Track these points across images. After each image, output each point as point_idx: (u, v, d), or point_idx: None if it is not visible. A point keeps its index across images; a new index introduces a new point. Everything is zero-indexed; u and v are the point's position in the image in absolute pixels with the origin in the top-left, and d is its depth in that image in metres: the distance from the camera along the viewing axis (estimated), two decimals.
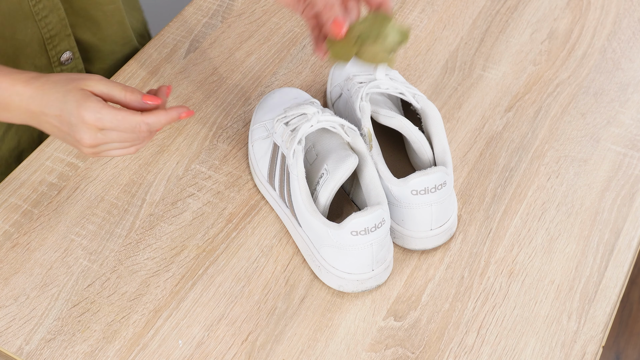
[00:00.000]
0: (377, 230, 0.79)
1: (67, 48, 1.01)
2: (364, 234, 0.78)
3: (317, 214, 0.80)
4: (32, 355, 0.80)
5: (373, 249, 0.80)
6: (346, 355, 0.80)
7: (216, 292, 0.84)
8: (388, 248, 0.82)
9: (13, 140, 1.01)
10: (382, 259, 0.82)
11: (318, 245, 0.82)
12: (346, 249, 0.79)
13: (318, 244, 0.82)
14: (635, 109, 1.01)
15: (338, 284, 0.83)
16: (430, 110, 0.86)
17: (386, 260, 0.83)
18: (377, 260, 0.81)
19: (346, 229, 0.78)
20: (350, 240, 0.79)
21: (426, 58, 1.07)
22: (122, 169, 0.94)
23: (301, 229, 0.84)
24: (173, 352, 0.80)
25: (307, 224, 0.82)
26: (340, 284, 0.82)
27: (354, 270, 0.81)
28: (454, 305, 0.83)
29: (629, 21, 1.12)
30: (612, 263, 0.87)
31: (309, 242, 0.84)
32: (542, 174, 0.94)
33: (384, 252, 0.82)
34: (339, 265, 0.81)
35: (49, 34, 0.98)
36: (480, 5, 1.14)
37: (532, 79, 1.04)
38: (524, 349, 0.81)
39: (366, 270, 0.81)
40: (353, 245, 0.79)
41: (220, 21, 1.12)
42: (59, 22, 0.98)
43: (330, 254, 0.81)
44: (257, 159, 0.90)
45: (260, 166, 0.90)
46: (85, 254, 0.87)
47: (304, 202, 0.81)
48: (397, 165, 0.91)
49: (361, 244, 0.79)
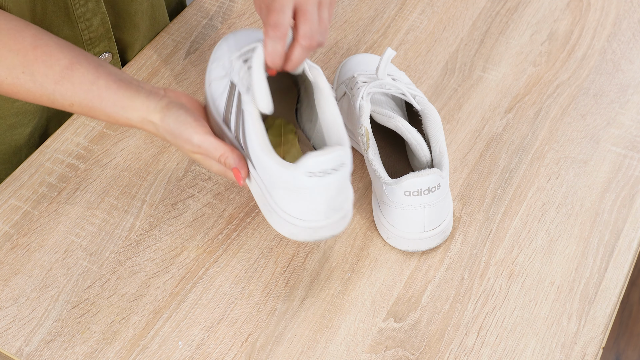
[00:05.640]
0: (334, 173, 0.72)
1: (106, 49, 1.03)
2: (321, 175, 0.71)
3: (271, 152, 0.74)
4: (32, 356, 0.80)
5: (329, 194, 0.73)
6: (346, 356, 0.80)
7: (216, 293, 0.84)
8: (346, 196, 0.75)
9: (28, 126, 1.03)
10: (339, 206, 0.75)
11: (270, 187, 0.76)
12: (299, 192, 0.73)
13: (270, 186, 0.76)
14: (635, 110, 1.01)
15: (290, 231, 0.77)
16: (430, 112, 0.86)
17: (343, 208, 0.75)
18: (332, 208, 0.74)
19: (301, 170, 0.71)
20: (305, 182, 0.72)
21: (426, 59, 1.07)
22: (122, 170, 0.94)
23: (255, 172, 0.78)
24: (173, 353, 0.80)
25: (260, 164, 0.76)
26: (292, 231, 0.76)
27: (307, 217, 0.75)
28: (454, 306, 0.83)
29: (628, 22, 1.12)
30: (612, 264, 0.87)
31: (262, 185, 0.78)
32: (542, 175, 0.94)
33: (341, 200, 0.75)
34: (291, 210, 0.75)
35: (89, 36, 0.99)
36: (480, 7, 1.14)
37: (532, 80, 1.05)
38: (524, 350, 0.81)
39: (320, 218, 0.75)
40: (307, 188, 0.72)
41: (220, 22, 1.12)
42: (101, 25, 1.00)
43: (283, 197, 0.75)
44: (214, 98, 0.84)
45: (217, 105, 0.84)
46: (85, 255, 0.87)
47: (257, 140, 0.75)
48: (396, 166, 0.91)
49: (316, 187, 0.72)
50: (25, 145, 1.04)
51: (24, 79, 0.81)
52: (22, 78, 0.80)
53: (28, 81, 0.81)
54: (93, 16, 0.99)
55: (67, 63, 0.80)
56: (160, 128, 0.79)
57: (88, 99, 0.80)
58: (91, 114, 0.81)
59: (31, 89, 0.81)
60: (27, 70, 0.80)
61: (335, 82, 0.99)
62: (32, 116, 1.02)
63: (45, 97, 0.81)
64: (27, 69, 0.80)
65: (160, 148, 0.97)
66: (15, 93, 0.82)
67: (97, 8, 0.98)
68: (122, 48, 1.08)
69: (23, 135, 1.03)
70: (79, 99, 0.81)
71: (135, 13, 1.05)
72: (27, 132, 1.03)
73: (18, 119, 1.01)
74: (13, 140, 1.02)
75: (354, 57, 1.00)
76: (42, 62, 0.80)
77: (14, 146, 1.03)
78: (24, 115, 1.01)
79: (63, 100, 0.81)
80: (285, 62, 0.78)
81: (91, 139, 0.97)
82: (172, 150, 0.96)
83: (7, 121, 1.00)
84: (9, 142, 1.02)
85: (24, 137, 1.03)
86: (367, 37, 1.10)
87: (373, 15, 1.13)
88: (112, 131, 0.98)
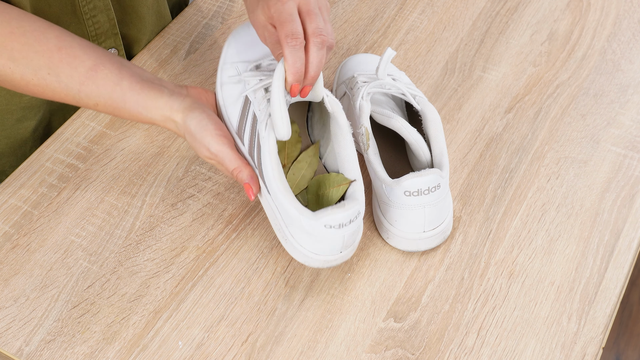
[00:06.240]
0: (351, 224, 0.77)
1: (112, 45, 1.04)
2: (337, 228, 0.77)
3: (290, 195, 0.77)
4: (31, 356, 0.80)
5: (345, 239, 0.78)
6: (346, 356, 0.80)
7: (216, 293, 0.84)
8: (358, 231, 0.80)
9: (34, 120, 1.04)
10: (352, 242, 0.80)
11: (287, 222, 0.79)
12: (317, 237, 0.77)
13: (288, 221, 0.79)
14: (635, 110, 1.01)
15: (304, 260, 0.81)
16: (430, 112, 0.86)
17: (355, 242, 0.81)
18: (346, 245, 0.80)
19: (320, 222, 0.76)
20: (322, 232, 0.77)
21: (426, 59, 1.07)
22: (122, 170, 0.94)
23: (270, 198, 0.81)
24: (173, 353, 0.80)
25: (277, 200, 0.79)
26: (305, 260, 0.80)
27: (322, 253, 0.79)
28: (454, 306, 0.83)
29: (629, 22, 1.12)
30: (612, 264, 0.87)
31: (277, 214, 0.81)
32: (542, 175, 0.94)
33: (355, 237, 0.80)
34: (307, 245, 0.79)
35: (95, 32, 1.00)
36: (480, 7, 1.14)
37: (532, 80, 1.05)
38: (524, 350, 0.80)
39: (334, 253, 0.80)
40: (325, 236, 0.77)
41: (220, 22, 1.12)
42: (107, 21, 1.01)
43: (300, 235, 0.79)
44: (227, 105, 0.85)
45: (229, 114, 0.85)
46: (85, 255, 0.87)
47: (275, 180, 0.78)
48: (396, 166, 0.91)
49: (333, 236, 0.77)
50: (30, 138, 1.05)
51: (49, 80, 0.82)
52: (48, 79, 0.82)
53: (54, 82, 0.82)
54: (99, 12, 0.99)
55: (91, 64, 0.82)
56: (181, 127, 0.82)
57: (112, 99, 0.82)
58: (115, 113, 0.84)
59: (56, 89, 0.83)
60: (53, 72, 0.82)
61: (335, 82, 0.99)
62: (37, 110, 1.03)
63: (70, 97, 0.83)
64: (52, 70, 0.82)
65: (160, 148, 0.97)
66: (41, 93, 0.84)
67: (103, 4, 0.99)
68: (128, 43, 1.08)
69: (28, 128, 1.04)
70: (103, 100, 0.83)
71: (141, 8, 1.06)
72: (32, 125, 1.04)
73: (24, 113, 1.02)
74: (19, 133, 1.04)
75: (354, 57, 1.00)
76: (67, 64, 0.82)
77: (20, 139, 1.04)
78: (30, 110, 1.02)
79: (88, 100, 0.83)
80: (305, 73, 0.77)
81: (91, 139, 0.97)
82: (172, 150, 0.96)
83: (14, 115, 1.02)
84: (15, 135, 1.03)
85: (29, 131, 1.04)
86: (367, 37, 1.10)
87: (373, 15, 1.13)
88: (112, 131, 0.98)
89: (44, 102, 1.04)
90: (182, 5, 1.21)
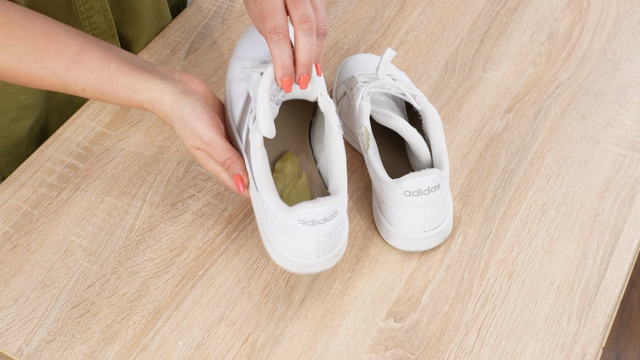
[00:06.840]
0: (326, 223, 0.75)
1: None
2: (311, 224, 0.74)
3: (271, 190, 0.76)
4: (31, 356, 0.80)
5: (319, 240, 0.76)
6: (346, 356, 0.80)
7: (216, 293, 0.84)
8: (339, 237, 0.78)
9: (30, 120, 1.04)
10: (330, 247, 0.78)
11: (269, 220, 0.78)
12: (291, 233, 0.76)
13: (269, 219, 0.78)
14: (635, 110, 1.01)
15: (282, 262, 0.79)
16: (430, 112, 0.86)
17: (335, 248, 0.78)
18: (323, 249, 0.77)
19: (294, 216, 0.74)
20: (297, 228, 0.75)
21: (426, 59, 1.07)
22: (122, 170, 0.94)
23: (257, 194, 0.80)
24: (173, 353, 0.80)
25: (261, 195, 0.78)
26: (283, 262, 0.79)
27: (298, 254, 0.77)
28: (454, 306, 0.83)
29: (629, 22, 1.12)
30: (612, 264, 0.87)
31: (262, 212, 0.80)
32: (542, 175, 0.94)
33: (334, 241, 0.77)
34: (284, 245, 0.78)
35: (92, 33, 1.00)
36: (480, 7, 1.14)
37: (532, 80, 1.05)
38: (524, 350, 0.81)
39: (311, 257, 0.77)
40: (299, 234, 0.75)
41: (220, 22, 1.12)
42: (104, 22, 1.00)
43: (278, 232, 0.77)
44: (232, 100, 0.84)
45: (233, 110, 0.84)
46: (85, 255, 0.87)
47: (258, 174, 0.77)
48: (396, 166, 0.91)
49: (307, 234, 0.75)
50: (26, 138, 1.05)
51: (36, 67, 0.81)
52: (34, 66, 0.81)
53: (40, 69, 0.81)
54: (96, 13, 0.99)
55: (77, 49, 0.81)
56: (170, 112, 0.79)
57: (100, 83, 0.81)
58: (104, 98, 0.82)
59: (44, 76, 0.82)
60: (39, 58, 0.81)
61: (335, 82, 0.99)
62: (34, 109, 1.03)
63: (58, 83, 0.82)
64: (38, 57, 0.81)
65: (160, 148, 0.97)
66: (29, 81, 0.83)
67: (100, 5, 0.99)
68: (127, 44, 1.08)
69: (24, 128, 1.04)
70: (90, 84, 0.81)
71: (140, 8, 1.05)
72: (28, 125, 1.04)
73: (20, 112, 1.02)
74: (15, 133, 1.03)
75: (354, 57, 1.00)
76: (53, 49, 0.81)
77: (16, 139, 1.04)
78: (26, 109, 1.02)
79: (75, 85, 0.82)
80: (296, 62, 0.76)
81: (91, 139, 0.97)
82: (172, 150, 0.96)
83: (10, 115, 1.01)
84: (11, 135, 1.03)
85: (25, 130, 1.04)
86: (367, 37, 1.10)
87: (373, 15, 1.13)
88: (112, 131, 0.98)
89: (41, 102, 1.04)
90: (181, 6, 1.21)
